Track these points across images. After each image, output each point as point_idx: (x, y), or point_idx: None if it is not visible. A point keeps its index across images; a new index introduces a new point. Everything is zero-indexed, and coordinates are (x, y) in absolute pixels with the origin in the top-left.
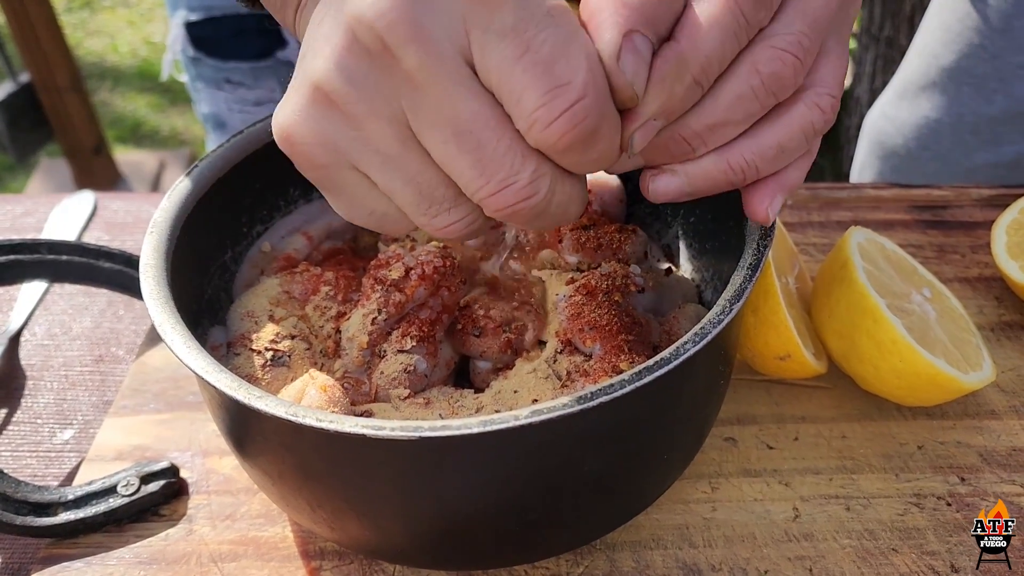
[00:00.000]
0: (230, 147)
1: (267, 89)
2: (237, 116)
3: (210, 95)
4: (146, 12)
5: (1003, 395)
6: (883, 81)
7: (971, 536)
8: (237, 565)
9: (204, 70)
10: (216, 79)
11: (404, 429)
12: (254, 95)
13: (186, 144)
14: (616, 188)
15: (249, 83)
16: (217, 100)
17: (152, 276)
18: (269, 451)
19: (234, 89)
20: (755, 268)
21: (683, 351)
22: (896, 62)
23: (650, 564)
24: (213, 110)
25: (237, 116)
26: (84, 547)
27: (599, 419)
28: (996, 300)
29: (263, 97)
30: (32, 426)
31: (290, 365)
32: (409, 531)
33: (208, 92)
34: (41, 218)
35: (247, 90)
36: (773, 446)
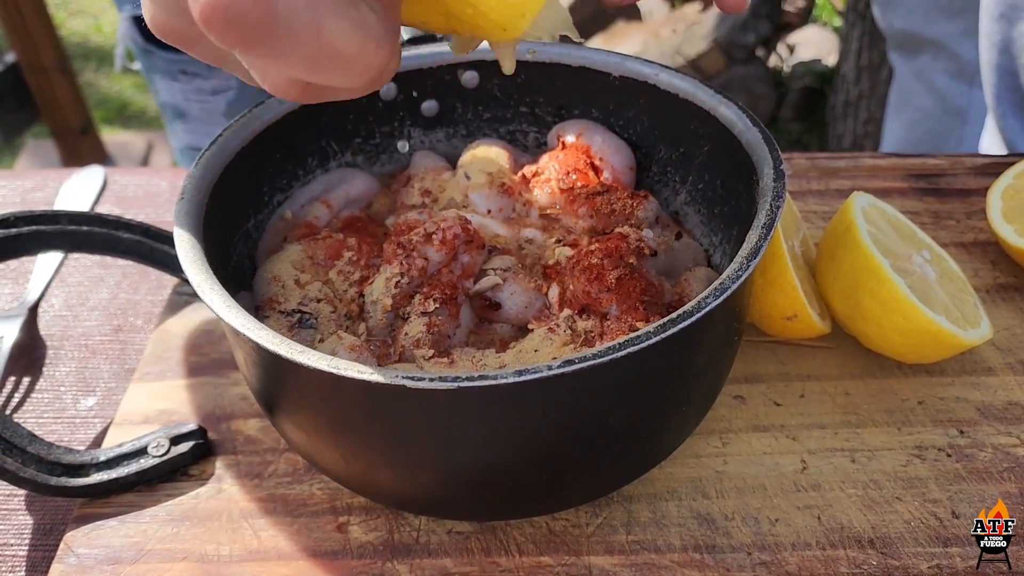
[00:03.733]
0: (251, 117)
1: (223, 77)
2: (195, 105)
3: (166, 86)
4: None
5: (999, 352)
6: (869, 59)
7: (971, 485)
8: (267, 521)
9: (157, 62)
10: (171, 71)
11: (443, 379)
12: (211, 84)
13: None
14: (627, 156)
15: (205, 73)
16: (174, 91)
17: (187, 240)
18: (306, 406)
19: (190, 80)
20: (769, 227)
21: (704, 304)
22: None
23: (666, 514)
24: (170, 100)
25: (195, 105)
26: (117, 506)
27: (626, 370)
28: (991, 263)
29: (220, 86)
30: (55, 394)
31: (317, 327)
32: (441, 481)
33: (164, 83)
34: (51, 193)
35: (203, 80)
36: (780, 403)
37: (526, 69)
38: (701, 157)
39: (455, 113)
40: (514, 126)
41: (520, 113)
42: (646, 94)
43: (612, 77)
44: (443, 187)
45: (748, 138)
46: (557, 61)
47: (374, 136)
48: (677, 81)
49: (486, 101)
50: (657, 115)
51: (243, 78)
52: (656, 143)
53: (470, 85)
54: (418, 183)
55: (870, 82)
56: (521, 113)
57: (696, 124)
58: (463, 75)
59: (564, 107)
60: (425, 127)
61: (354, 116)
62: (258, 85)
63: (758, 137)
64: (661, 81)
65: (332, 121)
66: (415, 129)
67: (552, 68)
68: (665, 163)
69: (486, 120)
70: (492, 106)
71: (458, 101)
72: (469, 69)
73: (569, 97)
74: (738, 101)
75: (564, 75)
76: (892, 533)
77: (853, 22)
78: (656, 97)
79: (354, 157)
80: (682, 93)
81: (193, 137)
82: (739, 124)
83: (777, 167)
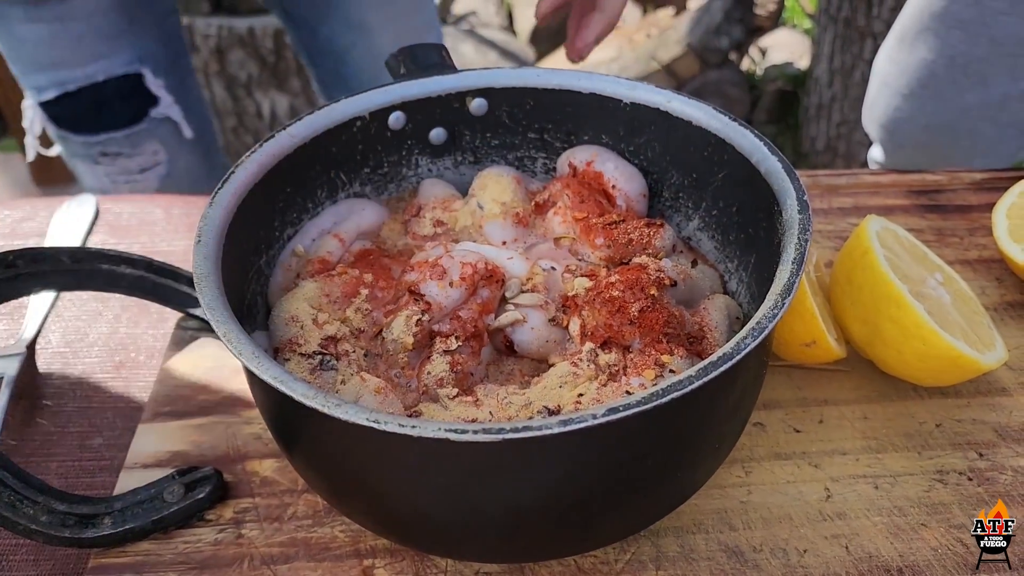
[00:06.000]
0: (262, 152)
1: (149, 153)
2: (124, 188)
3: (89, 170)
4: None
5: (1012, 373)
6: (841, 61)
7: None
8: (290, 567)
9: (75, 147)
10: (90, 155)
11: (487, 431)
12: (136, 163)
13: None
14: (640, 183)
15: (128, 151)
16: (97, 175)
17: (209, 287)
18: (336, 454)
19: (112, 161)
20: (800, 262)
21: (744, 345)
22: (854, 42)
23: (694, 548)
24: (96, 185)
25: (124, 188)
26: (133, 555)
27: (667, 413)
28: (997, 281)
29: (147, 163)
30: (60, 435)
31: (338, 369)
32: (475, 527)
33: (86, 168)
34: (41, 223)
35: (127, 159)
36: (800, 429)
37: (535, 95)
38: (716, 184)
39: (463, 140)
40: (523, 152)
41: (529, 139)
42: (657, 121)
43: (623, 104)
44: (455, 217)
45: (767, 167)
46: (566, 87)
47: (382, 166)
48: (689, 108)
49: (494, 128)
50: (669, 141)
51: None
52: (668, 169)
53: (478, 112)
54: (429, 213)
55: (843, 84)
56: (530, 139)
57: (710, 151)
58: (471, 102)
59: (573, 133)
60: (433, 155)
61: (363, 146)
62: None
63: (777, 166)
64: (673, 108)
65: (341, 152)
66: (423, 157)
67: (561, 94)
68: (677, 189)
69: (494, 147)
70: (500, 133)
71: (466, 128)
72: (477, 96)
73: (578, 123)
74: (754, 130)
75: (573, 101)
76: (920, 561)
77: (825, 25)
78: (668, 124)
79: (362, 187)
80: (695, 120)
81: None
82: (756, 153)
83: (801, 198)
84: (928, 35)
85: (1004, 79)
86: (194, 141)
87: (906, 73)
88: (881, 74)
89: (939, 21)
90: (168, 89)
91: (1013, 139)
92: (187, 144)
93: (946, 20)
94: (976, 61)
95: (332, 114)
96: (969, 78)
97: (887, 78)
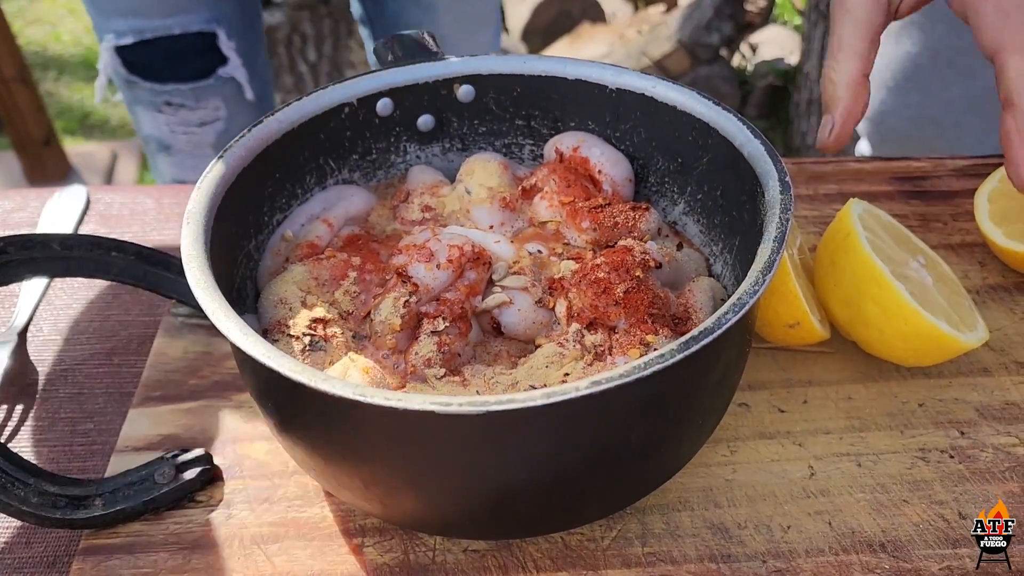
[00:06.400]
0: (250, 136)
1: (211, 108)
2: (181, 138)
3: (150, 118)
4: None
5: (993, 353)
6: None
7: (975, 486)
8: (280, 546)
9: (141, 94)
10: (155, 102)
11: (472, 404)
12: (198, 116)
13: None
14: (625, 168)
15: (191, 104)
16: (158, 123)
17: (196, 266)
18: (325, 433)
19: (175, 111)
20: (780, 240)
21: (724, 320)
22: None
23: (679, 525)
24: (154, 133)
25: (181, 138)
26: (124, 536)
27: (650, 387)
28: (979, 264)
29: (207, 117)
30: (50, 421)
31: (327, 349)
32: (462, 504)
33: (148, 115)
34: (32, 213)
35: (189, 111)
36: (784, 409)
37: (521, 82)
38: (700, 168)
39: (451, 127)
40: (510, 139)
41: (516, 126)
42: (643, 106)
43: (608, 90)
44: (443, 202)
45: (750, 150)
46: (552, 74)
47: (371, 152)
48: (674, 93)
49: (482, 115)
50: (654, 127)
51: None
52: (653, 154)
53: (466, 99)
54: (418, 199)
55: None
56: (517, 126)
57: (695, 135)
58: (458, 89)
59: (560, 120)
60: (421, 142)
61: (351, 133)
62: None
63: (760, 149)
64: (658, 93)
65: (330, 138)
66: (411, 144)
67: (547, 81)
68: (663, 174)
69: (481, 134)
70: (488, 120)
71: (454, 115)
72: (465, 83)
73: (565, 110)
74: (737, 113)
75: (560, 88)
76: (902, 536)
77: (815, 21)
78: (653, 109)
79: (351, 174)
80: (680, 105)
81: (178, 171)
82: (740, 136)
83: (782, 179)
84: (912, 28)
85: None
86: (254, 103)
87: (891, 66)
88: None
89: (923, 14)
90: (238, 51)
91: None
92: (247, 105)
93: (930, 13)
94: (961, 54)
95: (320, 100)
96: (954, 70)
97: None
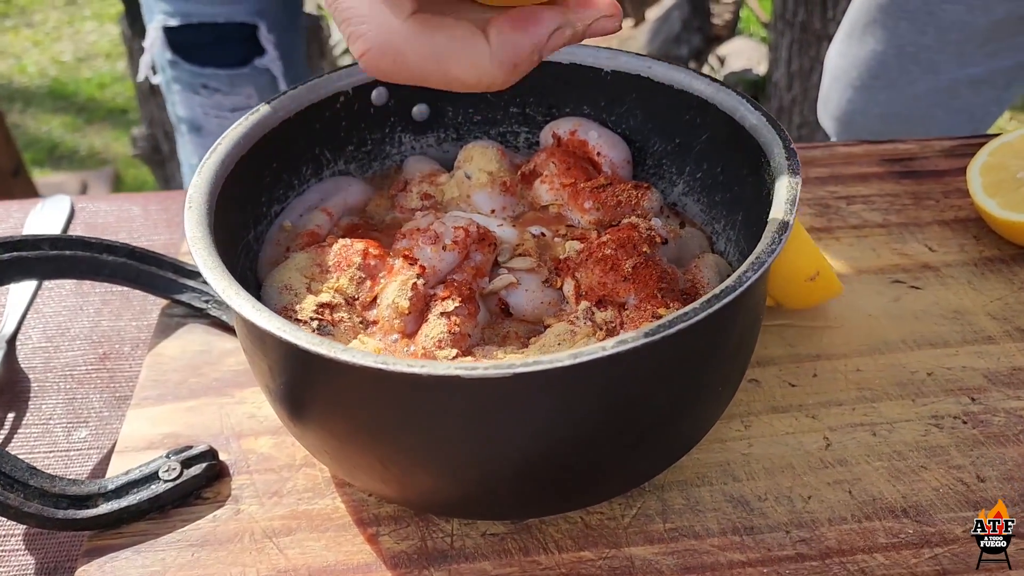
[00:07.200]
0: (249, 126)
1: (244, 96)
2: (213, 121)
3: (186, 99)
4: (52, 31)
5: (995, 322)
6: (800, 65)
7: (991, 449)
8: (293, 539)
9: (181, 74)
10: (193, 84)
11: (497, 367)
12: (231, 101)
13: (108, 163)
14: (623, 150)
15: (226, 89)
16: (193, 104)
17: (203, 247)
18: (342, 409)
19: (211, 95)
20: (793, 202)
21: (745, 278)
22: (811, 45)
23: (700, 500)
24: (189, 114)
25: (213, 121)
26: (130, 536)
27: (674, 347)
28: (974, 238)
29: (240, 104)
30: (44, 427)
31: (335, 334)
32: (484, 478)
33: (184, 96)
34: (16, 223)
35: (223, 96)
36: (795, 384)
37: None
38: (699, 146)
39: (446, 116)
40: (505, 127)
41: (511, 114)
42: (639, 88)
43: (603, 73)
44: (442, 190)
45: (752, 122)
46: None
47: (366, 143)
48: (672, 72)
49: (476, 103)
50: (651, 108)
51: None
52: (650, 136)
53: None
54: (416, 187)
55: (802, 87)
56: (512, 114)
57: (693, 114)
58: None
59: (555, 106)
60: (416, 132)
61: (347, 123)
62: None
63: (762, 120)
64: (655, 73)
65: (325, 128)
66: (406, 135)
67: (541, 66)
68: (660, 156)
69: (476, 123)
70: (482, 108)
71: (448, 104)
72: None
73: (560, 95)
74: (736, 87)
75: (554, 73)
76: (923, 501)
77: (782, 30)
78: (649, 90)
79: (347, 165)
80: (677, 84)
81: (206, 152)
82: (740, 109)
83: (787, 145)
84: (876, 27)
85: (952, 66)
86: None
87: (857, 66)
88: (833, 69)
89: (886, 13)
90: (276, 45)
91: (965, 124)
92: None
93: (893, 11)
94: (924, 50)
95: (316, 89)
96: (919, 67)
97: (839, 72)
